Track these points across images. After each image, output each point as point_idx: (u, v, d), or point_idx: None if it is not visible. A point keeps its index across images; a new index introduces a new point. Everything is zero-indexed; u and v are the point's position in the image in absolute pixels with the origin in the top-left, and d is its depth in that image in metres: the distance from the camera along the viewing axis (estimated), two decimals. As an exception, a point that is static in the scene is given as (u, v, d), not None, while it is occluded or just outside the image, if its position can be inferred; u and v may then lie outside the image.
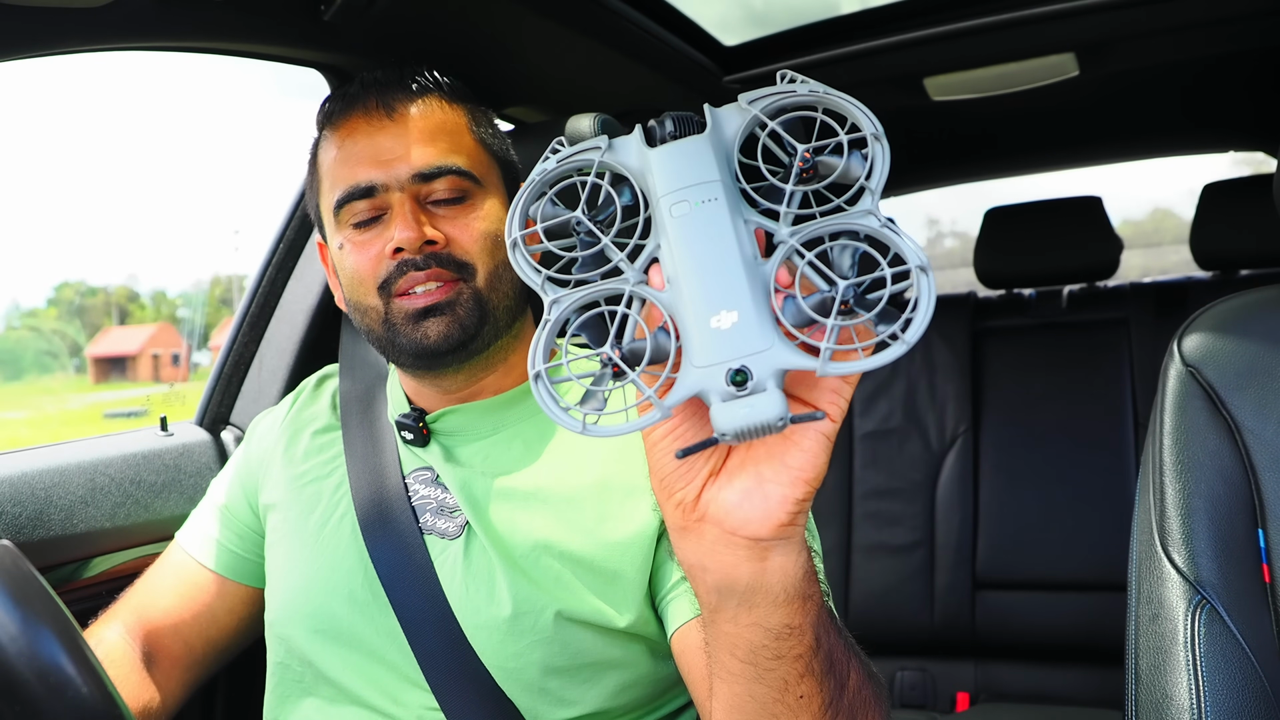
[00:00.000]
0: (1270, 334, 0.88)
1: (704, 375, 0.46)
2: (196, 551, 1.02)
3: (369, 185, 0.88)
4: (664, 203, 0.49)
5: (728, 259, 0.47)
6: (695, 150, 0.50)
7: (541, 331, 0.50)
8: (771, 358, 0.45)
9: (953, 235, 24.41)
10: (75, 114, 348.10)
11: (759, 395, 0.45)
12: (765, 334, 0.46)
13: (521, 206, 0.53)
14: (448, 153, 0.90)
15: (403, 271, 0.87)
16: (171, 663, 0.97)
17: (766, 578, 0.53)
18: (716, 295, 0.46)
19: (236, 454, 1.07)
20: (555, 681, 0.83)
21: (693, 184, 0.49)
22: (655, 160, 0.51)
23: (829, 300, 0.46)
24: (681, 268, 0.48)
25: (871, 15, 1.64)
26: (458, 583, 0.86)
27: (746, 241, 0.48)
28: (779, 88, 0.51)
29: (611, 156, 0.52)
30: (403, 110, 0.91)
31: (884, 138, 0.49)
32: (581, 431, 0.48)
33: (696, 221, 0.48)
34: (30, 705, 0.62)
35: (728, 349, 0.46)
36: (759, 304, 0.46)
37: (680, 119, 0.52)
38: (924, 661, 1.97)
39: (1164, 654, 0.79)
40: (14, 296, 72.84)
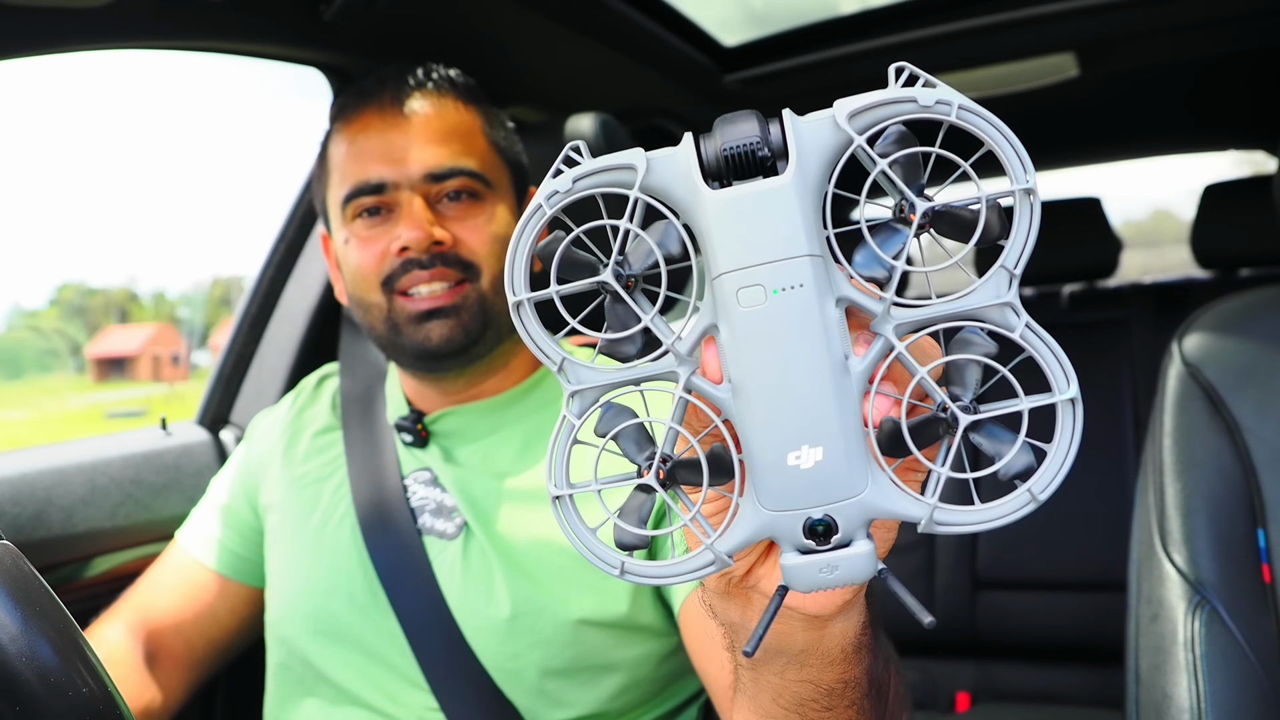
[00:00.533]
0: (1270, 334, 0.88)
1: (776, 520, 0.37)
2: (198, 551, 1.01)
3: (379, 182, 0.88)
4: (726, 281, 0.36)
5: (815, 374, 0.36)
6: (774, 204, 0.36)
7: (560, 432, 0.40)
8: (864, 506, 0.37)
9: (953, 235, 24.42)
10: (75, 114, 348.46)
11: (843, 552, 0.37)
12: (857, 476, 0.36)
13: (525, 248, 0.39)
14: (460, 154, 0.90)
15: (407, 269, 0.87)
16: (173, 662, 0.97)
17: (824, 644, 0.47)
18: (797, 424, 0.36)
19: (237, 453, 1.07)
20: (554, 683, 0.83)
21: (770, 261, 0.36)
22: (715, 214, 0.36)
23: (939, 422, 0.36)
24: (750, 379, 0.37)
25: (871, 15, 1.64)
26: (456, 583, 0.86)
27: (837, 341, 0.36)
28: (892, 93, 0.37)
29: (651, 182, 0.38)
30: (417, 108, 0.90)
31: (1037, 194, 0.36)
32: (619, 575, 0.40)
33: (773, 318, 0.36)
34: (30, 705, 0.62)
35: (809, 495, 0.37)
36: (850, 436, 0.36)
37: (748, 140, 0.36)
38: (924, 661, 1.97)
39: (1164, 654, 0.79)
40: (15, 297, 72.74)
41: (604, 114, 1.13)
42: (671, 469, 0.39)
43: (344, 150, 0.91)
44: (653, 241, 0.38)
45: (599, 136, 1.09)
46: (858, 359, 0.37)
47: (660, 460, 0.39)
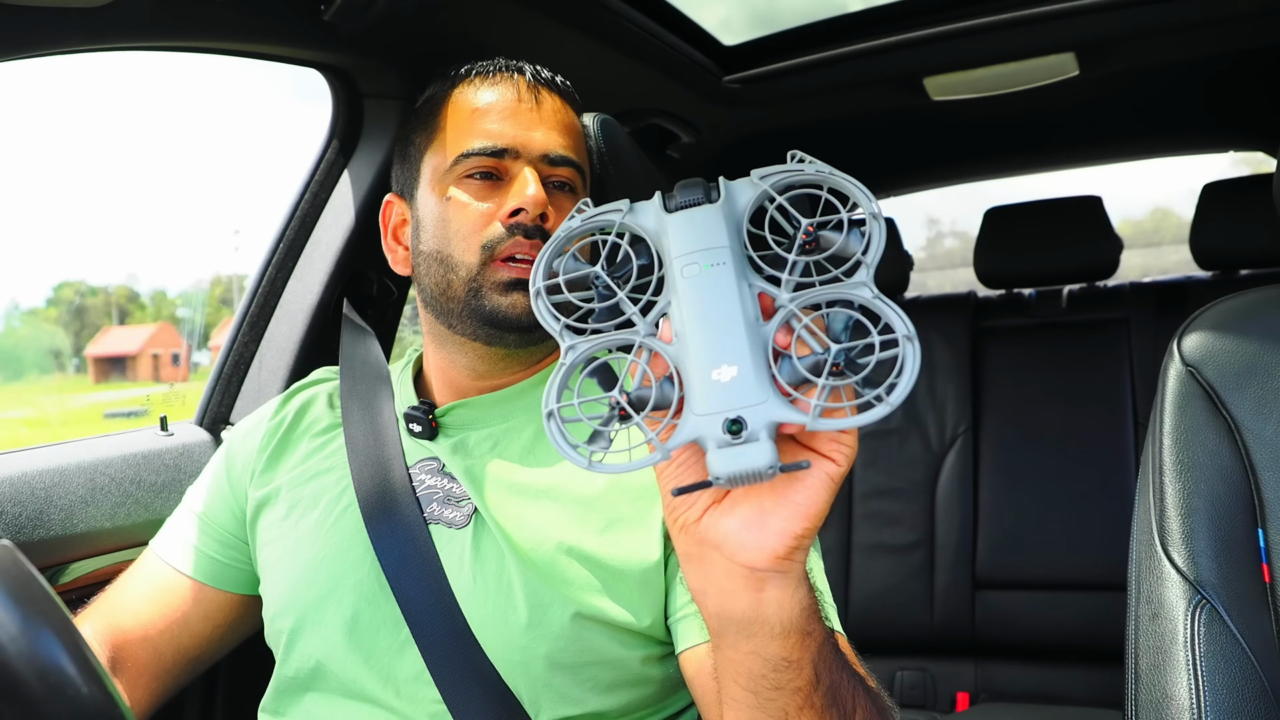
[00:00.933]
0: (1270, 334, 0.88)
1: (703, 423, 0.50)
2: (174, 558, 1.00)
3: (505, 147, 0.91)
4: (676, 263, 0.54)
5: (731, 318, 0.51)
6: (708, 218, 0.54)
7: (556, 374, 0.54)
8: (766, 411, 0.49)
9: (953, 235, 24.45)
10: (75, 114, 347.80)
11: (752, 444, 0.49)
12: (761, 389, 0.49)
13: (546, 259, 0.57)
14: (573, 149, 0.96)
15: (512, 234, 0.89)
16: (138, 671, 0.96)
17: (763, 609, 0.55)
18: (719, 350, 0.50)
19: (215, 462, 1.05)
20: (560, 677, 0.83)
21: (704, 248, 0.53)
22: (671, 224, 0.55)
23: (821, 362, 0.50)
24: (689, 324, 0.52)
25: (871, 15, 1.64)
26: (466, 573, 0.86)
27: (750, 304, 0.52)
28: (788, 166, 0.55)
29: (631, 219, 0.57)
30: (547, 99, 0.96)
31: (881, 217, 0.53)
32: (587, 467, 0.51)
33: (705, 283, 0.52)
34: (30, 705, 0.62)
35: (726, 400, 0.49)
36: (757, 362, 0.50)
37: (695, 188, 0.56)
38: (924, 661, 1.97)
39: (1164, 654, 0.79)
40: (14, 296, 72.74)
41: (604, 114, 1.13)
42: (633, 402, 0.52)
43: (470, 110, 0.94)
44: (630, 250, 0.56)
45: (599, 136, 1.09)
46: (766, 323, 0.52)
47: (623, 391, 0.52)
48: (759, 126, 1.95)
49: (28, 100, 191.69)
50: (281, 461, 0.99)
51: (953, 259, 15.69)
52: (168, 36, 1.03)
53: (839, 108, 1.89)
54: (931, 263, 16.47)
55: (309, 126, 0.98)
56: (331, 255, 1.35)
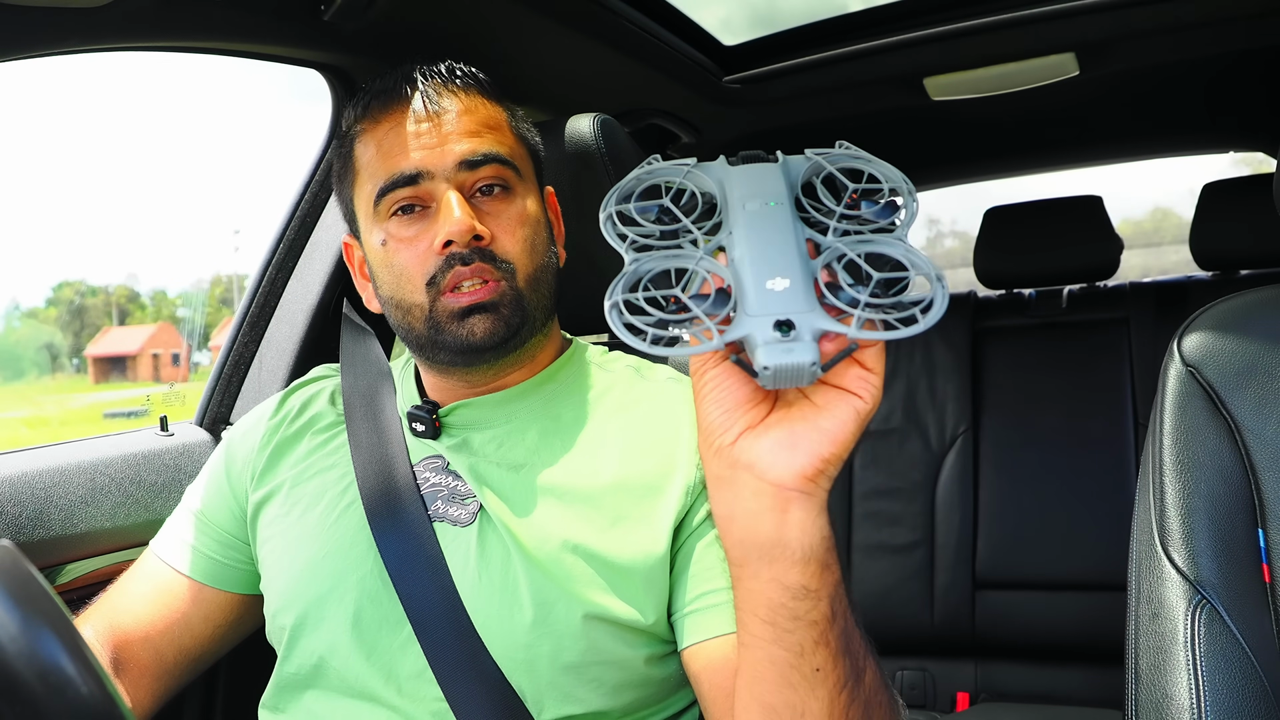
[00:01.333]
0: (1270, 334, 0.88)
1: (755, 323, 0.53)
2: (172, 559, 1.00)
3: (414, 172, 0.88)
4: (739, 201, 0.58)
5: (786, 244, 0.56)
6: (770, 172, 0.60)
7: (622, 275, 0.57)
8: (813, 319, 0.53)
9: (953, 235, 24.43)
10: (75, 114, 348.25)
11: (798, 343, 0.52)
12: (810, 299, 0.54)
13: (619, 190, 0.60)
14: (492, 143, 0.91)
15: (450, 266, 0.87)
16: (140, 671, 0.96)
17: (786, 531, 0.57)
18: (774, 264, 0.55)
19: (214, 460, 1.05)
20: (565, 677, 0.82)
21: (765, 192, 0.59)
22: (736, 174, 0.60)
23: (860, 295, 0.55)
24: (748, 245, 0.56)
25: (871, 15, 1.64)
26: (471, 571, 0.85)
27: (802, 240, 0.57)
28: (839, 151, 0.62)
29: (696, 172, 0.61)
30: (446, 103, 0.91)
31: (915, 194, 0.59)
32: (647, 347, 0.54)
33: (764, 216, 0.57)
34: (30, 705, 0.62)
35: (778, 305, 0.54)
36: (806, 280, 0.55)
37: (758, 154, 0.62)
38: (924, 661, 1.97)
39: (1164, 654, 0.79)
40: (14, 296, 72.74)
41: (604, 114, 1.13)
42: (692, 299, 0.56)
43: (374, 149, 0.92)
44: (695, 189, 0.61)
45: (599, 136, 1.09)
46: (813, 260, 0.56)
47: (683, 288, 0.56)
48: (759, 126, 1.95)
49: (28, 100, 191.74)
50: (282, 459, 0.99)
51: (953, 259, 15.65)
52: (168, 36, 1.03)
53: (839, 108, 1.89)
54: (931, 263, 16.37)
55: (309, 126, 0.98)
56: (331, 255, 1.35)
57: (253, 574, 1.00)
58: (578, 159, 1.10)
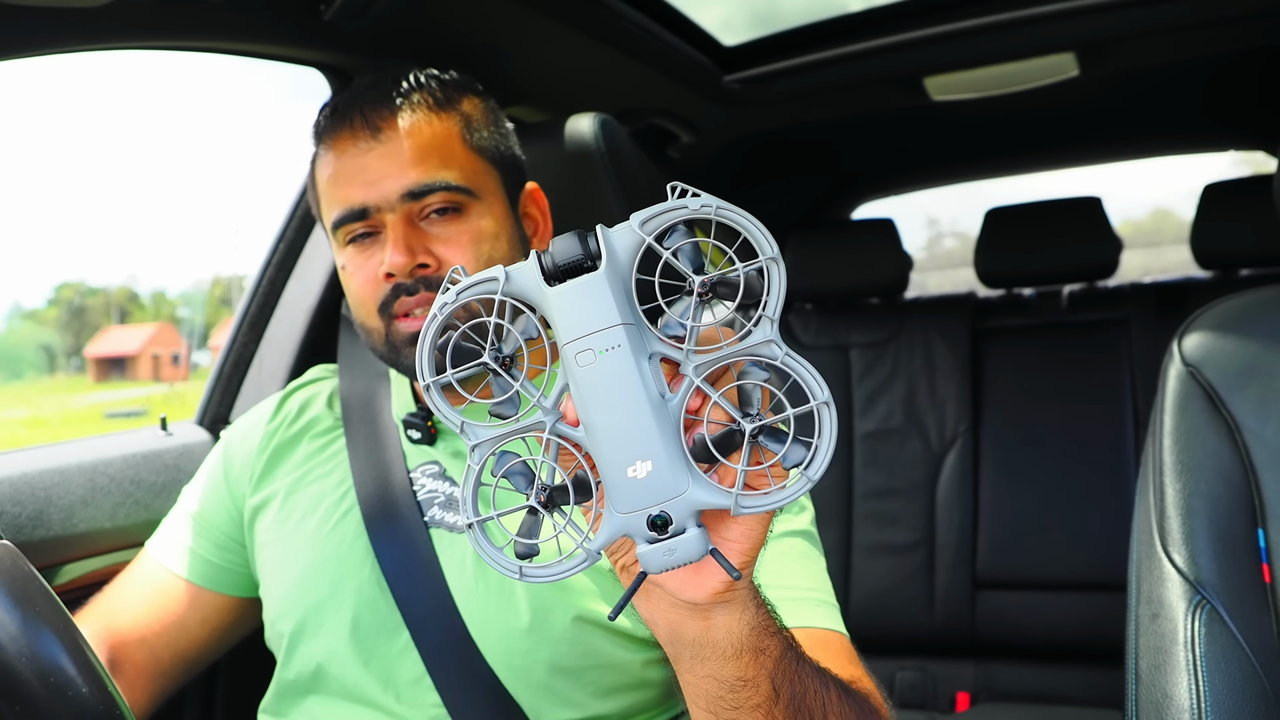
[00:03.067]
0: (1270, 334, 0.88)
1: (627, 520, 0.49)
2: (169, 560, 1.00)
3: (361, 208, 0.89)
4: (567, 350, 0.50)
5: (637, 409, 0.48)
6: (592, 290, 0.49)
7: (468, 477, 0.52)
8: (688, 501, 0.48)
9: (953, 235, 24.43)
10: (75, 114, 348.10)
11: (680, 537, 0.48)
12: (679, 479, 0.48)
13: (426, 350, 0.52)
14: (437, 168, 0.89)
15: (396, 295, 0.89)
16: (136, 672, 0.96)
17: (712, 634, 0.55)
18: (630, 446, 0.49)
19: (211, 461, 1.05)
20: (561, 681, 0.82)
21: (594, 331, 0.49)
22: (553, 303, 0.50)
23: (738, 433, 0.48)
24: (593, 418, 0.49)
25: (872, 15, 1.64)
26: (468, 577, 0.85)
27: (652, 383, 0.49)
28: (670, 204, 0.50)
29: (510, 288, 0.51)
30: (388, 128, 0.90)
31: (780, 260, 0.49)
32: (519, 578, 0.51)
33: (601, 372, 0.49)
34: (30, 705, 0.62)
35: (646, 497, 0.48)
36: (671, 450, 0.48)
37: (572, 247, 0.50)
38: (924, 661, 1.97)
39: (1164, 654, 0.79)
40: (14, 296, 72.53)
41: (604, 114, 1.12)
42: (551, 494, 0.51)
43: (326, 174, 0.92)
44: (517, 330, 0.51)
45: (599, 136, 1.09)
46: (673, 395, 0.50)
47: (541, 489, 0.51)
48: (759, 126, 1.95)
49: (28, 100, 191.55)
50: (281, 464, 0.99)
51: (953, 259, 15.67)
52: (168, 36, 1.02)
53: (839, 108, 1.89)
54: (931, 263, 16.45)
55: (309, 126, 0.98)
56: (331, 255, 1.35)
57: (249, 577, 1.00)
58: (578, 159, 1.10)
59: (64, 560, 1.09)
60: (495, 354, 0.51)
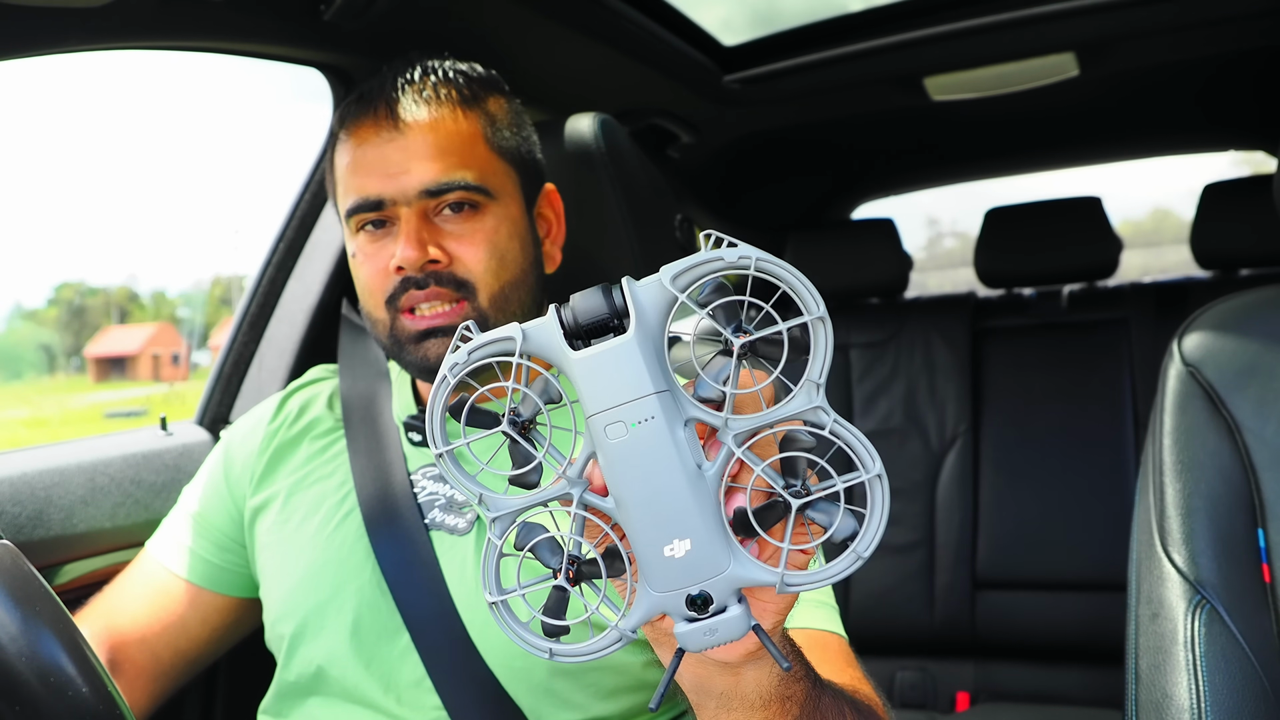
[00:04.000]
0: (1270, 334, 0.88)
1: (664, 599, 0.46)
2: (169, 561, 1.00)
3: (377, 198, 0.89)
4: (595, 421, 0.46)
5: (673, 484, 0.45)
6: (621, 358, 0.45)
7: (488, 552, 0.49)
8: (729, 579, 0.46)
9: (953, 235, 24.42)
10: (76, 114, 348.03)
11: (721, 616, 0.46)
12: (720, 557, 0.45)
13: (439, 408, 0.49)
14: (457, 167, 0.89)
15: (405, 288, 0.88)
16: (136, 672, 0.96)
17: (741, 688, 0.54)
18: (666, 524, 0.45)
19: (212, 461, 1.05)
20: (561, 683, 0.82)
21: (625, 402, 0.45)
22: (578, 371, 0.46)
23: (778, 505, 0.45)
24: (625, 492, 0.46)
25: (872, 15, 1.64)
26: (468, 580, 0.85)
27: (689, 454, 0.45)
28: (704, 255, 0.45)
29: (528, 348, 0.47)
30: (413, 121, 0.89)
31: (828, 320, 0.44)
32: (549, 659, 0.48)
33: (635, 446, 0.45)
34: (30, 705, 0.62)
35: (684, 576, 0.46)
36: (710, 526, 0.45)
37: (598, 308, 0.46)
38: (924, 661, 1.97)
39: (1164, 654, 0.79)
40: (14, 296, 72.54)
41: (604, 114, 1.12)
42: (579, 569, 0.48)
43: (345, 162, 0.92)
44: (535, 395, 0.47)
45: (599, 136, 1.09)
46: (710, 464, 0.46)
47: (569, 563, 0.47)
48: (759, 126, 1.95)
49: (28, 100, 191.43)
50: (281, 465, 0.99)
51: (953, 259, 15.65)
52: (168, 36, 1.02)
53: (839, 108, 1.89)
54: (931, 263, 16.43)
55: (309, 126, 0.99)
56: (331, 255, 1.35)
57: (250, 577, 1.00)
58: (578, 159, 1.10)
59: (64, 560, 1.09)
60: (514, 420, 0.48)
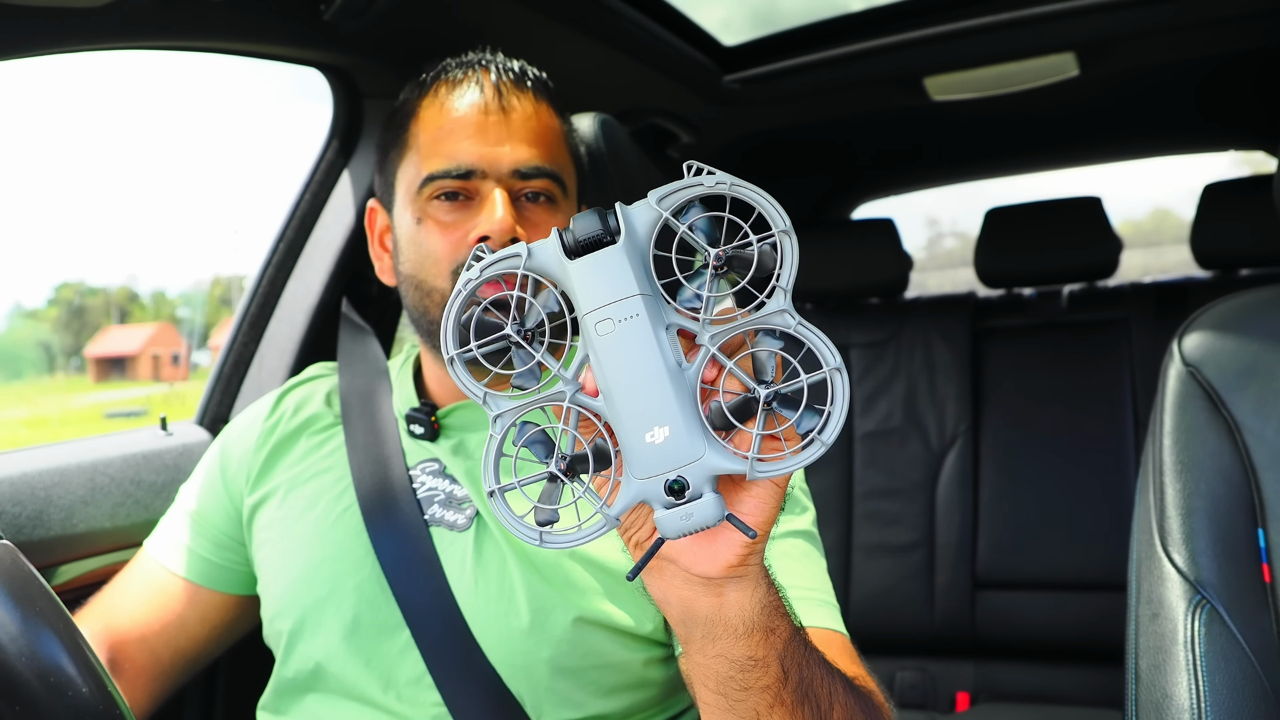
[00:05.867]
0: (1270, 334, 0.88)
1: (644, 486, 0.50)
2: (167, 559, 1.00)
3: (469, 169, 0.89)
4: (588, 320, 0.51)
5: (655, 376, 0.50)
6: (611, 263, 0.51)
7: (490, 446, 0.54)
8: (704, 466, 0.49)
9: (953, 235, 24.44)
10: (75, 114, 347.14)
11: (696, 502, 0.49)
12: (696, 444, 0.50)
13: (452, 321, 0.54)
14: (547, 157, 0.92)
15: None
16: (136, 672, 0.96)
17: (724, 611, 0.56)
18: (648, 412, 0.50)
19: (209, 460, 1.05)
20: (562, 681, 0.82)
21: (612, 301, 0.51)
22: (574, 275, 0.52)
23: (753, 401, 0.50)
24: (612, 385, 0.51)
25: (872, 15, 1.65)
26: (467, 576, 0.85)
27: (670, 351, 0.50)
28: (686, 181, 0.52)
29: (533, 264, 0.53)
30: (516, 104, 0.92)
31: (793, 233, 0.50)
32: (539, 544, 0.52)
33: (620, 340, 0.50)
34: (30, 705, 0.62)
35: (663, 462, 0.50)
36: (688, 416, 0.50)
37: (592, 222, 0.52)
38: (924, 661, 1.97)
39: (1164, 654, 0.79)
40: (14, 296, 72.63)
41: (604, 114, 1.12)
42: (570, 462, 0.52)
43: (435, 130, 0.92)
44: (539, 304, 0.53)
45: (599, 136, 1.09)
46: (690, 364, 0.51)
47: (560, 457, 0.52)
48: (759, 126, 1.95)
49: (28, 100, 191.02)
50: (279, 462, 0.99)
51: (953, 259, 15.66)
52: (168, 36, 1.03)
53: (839, 108, 1.89)
54: (931, 263, 16.43)
55: (309, 126, 0.99)
56: (331, 255, 1.35)
57: (248, 575, 1.00)
58: (578, 159, 1.10)
59: (64, 560, 1.09)
60: (518, 328, 0.53)
